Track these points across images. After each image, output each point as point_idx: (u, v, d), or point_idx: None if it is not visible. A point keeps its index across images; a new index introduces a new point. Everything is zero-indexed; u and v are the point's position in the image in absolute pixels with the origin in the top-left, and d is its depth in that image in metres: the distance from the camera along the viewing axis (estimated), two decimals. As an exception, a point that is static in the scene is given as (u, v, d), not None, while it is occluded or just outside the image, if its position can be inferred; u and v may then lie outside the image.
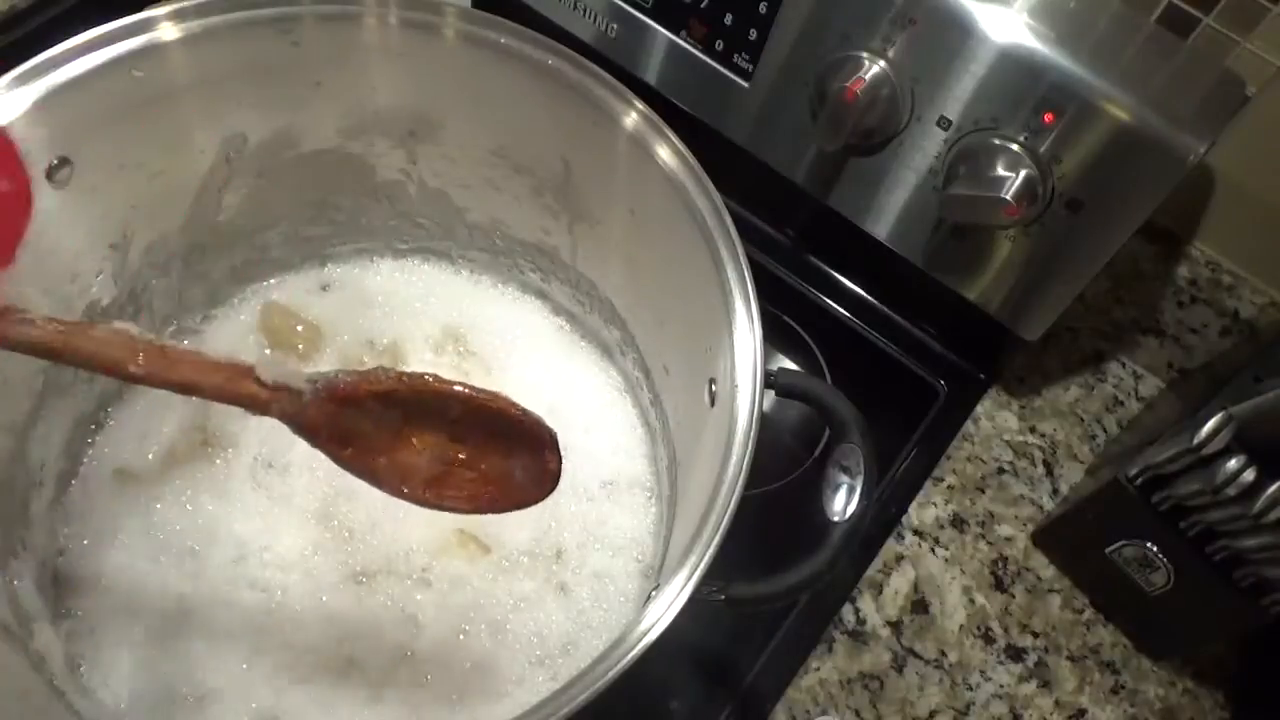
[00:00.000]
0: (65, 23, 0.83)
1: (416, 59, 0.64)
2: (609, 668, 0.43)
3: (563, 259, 0.73)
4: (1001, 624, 0.74)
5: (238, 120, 0.64)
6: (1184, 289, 0.82)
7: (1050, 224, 0.70)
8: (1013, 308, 0.77)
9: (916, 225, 0.77)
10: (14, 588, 0.58)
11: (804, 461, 0.79)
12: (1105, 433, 0.85)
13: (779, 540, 0.54)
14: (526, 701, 0.43)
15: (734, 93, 0.80)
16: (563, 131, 0.65)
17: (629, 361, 0.73)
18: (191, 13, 0.58)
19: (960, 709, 0.70)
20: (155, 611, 0.61)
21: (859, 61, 0.70)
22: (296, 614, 0.62)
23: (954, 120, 0.70)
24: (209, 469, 0.67)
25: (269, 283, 0.75)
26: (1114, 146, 0.65)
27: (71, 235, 0.59)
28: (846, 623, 0.72)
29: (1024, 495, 0.80)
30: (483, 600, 0.64)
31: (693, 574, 0.46)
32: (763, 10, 0.74)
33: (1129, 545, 0.70)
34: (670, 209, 0.60)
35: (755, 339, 0.54)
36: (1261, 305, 0.79)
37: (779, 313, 0.87)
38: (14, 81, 0.53)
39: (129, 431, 0.67)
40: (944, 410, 0.84)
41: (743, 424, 0.51)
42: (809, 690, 0.68)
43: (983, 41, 0.66)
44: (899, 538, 0.76)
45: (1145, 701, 0.73)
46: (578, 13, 0.84)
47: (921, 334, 0.88)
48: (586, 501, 0.69)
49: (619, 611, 0.65)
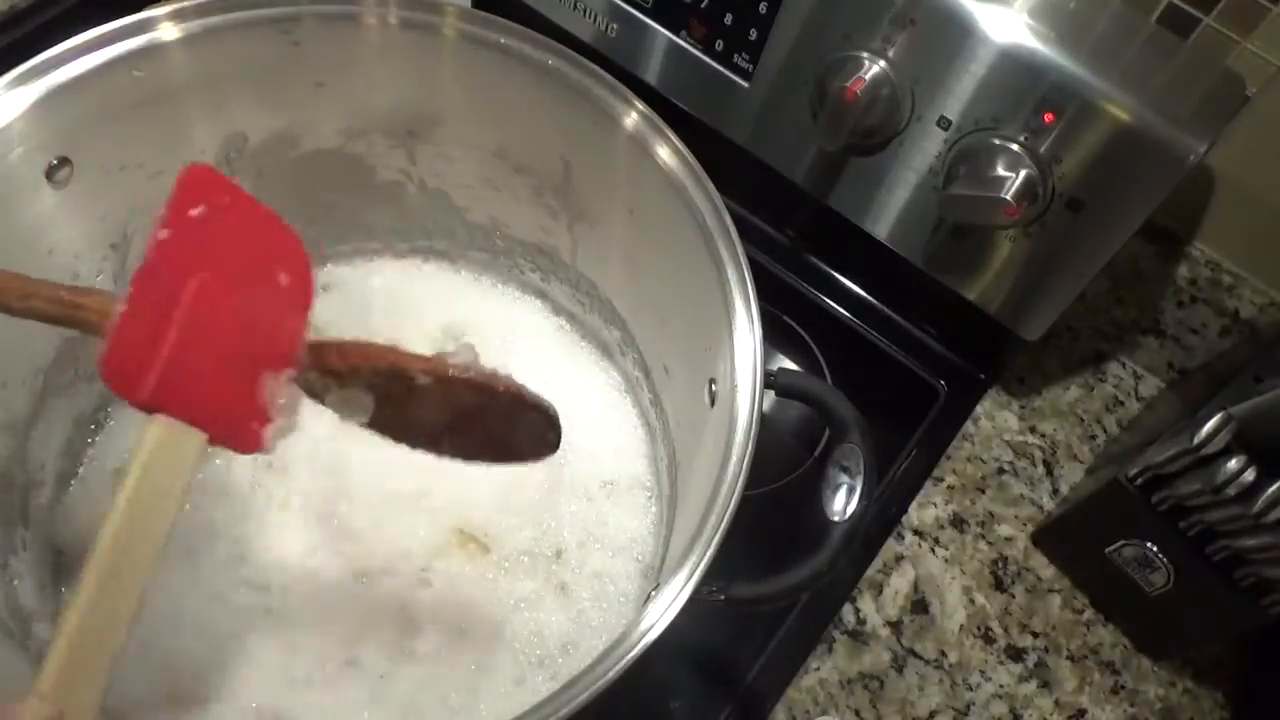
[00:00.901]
0: (65, 23, 0.82)
1: (416, 59, 0.64)
2: (609, 668, 0.43)
3: (563, 259, 0.73)
4: (1001, 624, 0.74)
5: (238, 120, 0.64)
6: (1184, 289, 0.82)
7: (1050, 224, 0.70)
8: (1013, 308, 0.77)
9: (916, 225, 0.77)
10: (14, 587, 0.58)
11: (804, 461, 0.79)
12: (1105, 433, 0.85)
13: (779, 540, 0.54)
14: (526, 701, 0.43)
15: (734, 93, 0.80)
16: (563, 131, 0.65)
17: (629, 361, 0.73)
18: (191, 13, 0.58)
19: (960, 709, 0.70)
20: (155, 611, 0.61)
21: (859, 61, 0.70)
22: (296, 614, 0.62)
23: (954, 120, 0.70)
24: (209, 469, 0.67)
25: (269, 283, 0.75)
26: (1114, 146, 0.65)
27: (71, 235, 0.59)
28: (846, 623, 0.72)
29: (1024, 495, 0.80)
30: (483, 600, 0.64)
31: (693, 574, 0.46)
32: (763, 10, 0.74)
33: (1129, 545, 0.70)
34: (670, 209, 0.60)
35: (755, 339, 0.54)
36: (1261, 305, 0.79)
37: (779, 313, 0.87)
38: (14, 81, 0.53)
39: (129, 431, 0.67)
40: (944, 410, 0.84)
41: (743, 424, 0.51)
42: (809, 690, 0.68)
43: (983, 41, 0.66)
44: (899, 538, 0.76)
45: (1145, 701, 0.73)
46: (578, 13, 0.84)
47: (921, 334, 0.88)
48: (586, 501, 0.69)
49: (619, 611, 0.65)
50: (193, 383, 0.42)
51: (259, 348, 0.46)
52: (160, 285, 0.42)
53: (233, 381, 0.44)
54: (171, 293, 0.42)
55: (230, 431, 0.44)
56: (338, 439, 0.68)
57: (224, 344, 0.44)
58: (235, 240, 0.46)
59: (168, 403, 0.41)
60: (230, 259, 0.45)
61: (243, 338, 0.45)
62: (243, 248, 0.47)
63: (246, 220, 0.48)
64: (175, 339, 0.41)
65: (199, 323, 0.43)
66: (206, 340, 0.43)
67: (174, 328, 0.42)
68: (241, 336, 0.45)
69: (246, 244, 0.47)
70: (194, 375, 0.42)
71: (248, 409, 0.45)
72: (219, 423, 0.43)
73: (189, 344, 0.42)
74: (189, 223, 0.44)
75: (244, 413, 0.45)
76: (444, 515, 0.67)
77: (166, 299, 0.42)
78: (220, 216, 0.45)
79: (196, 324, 0.43)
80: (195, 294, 0.43)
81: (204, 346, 0.43)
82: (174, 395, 0.41)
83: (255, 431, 0.45)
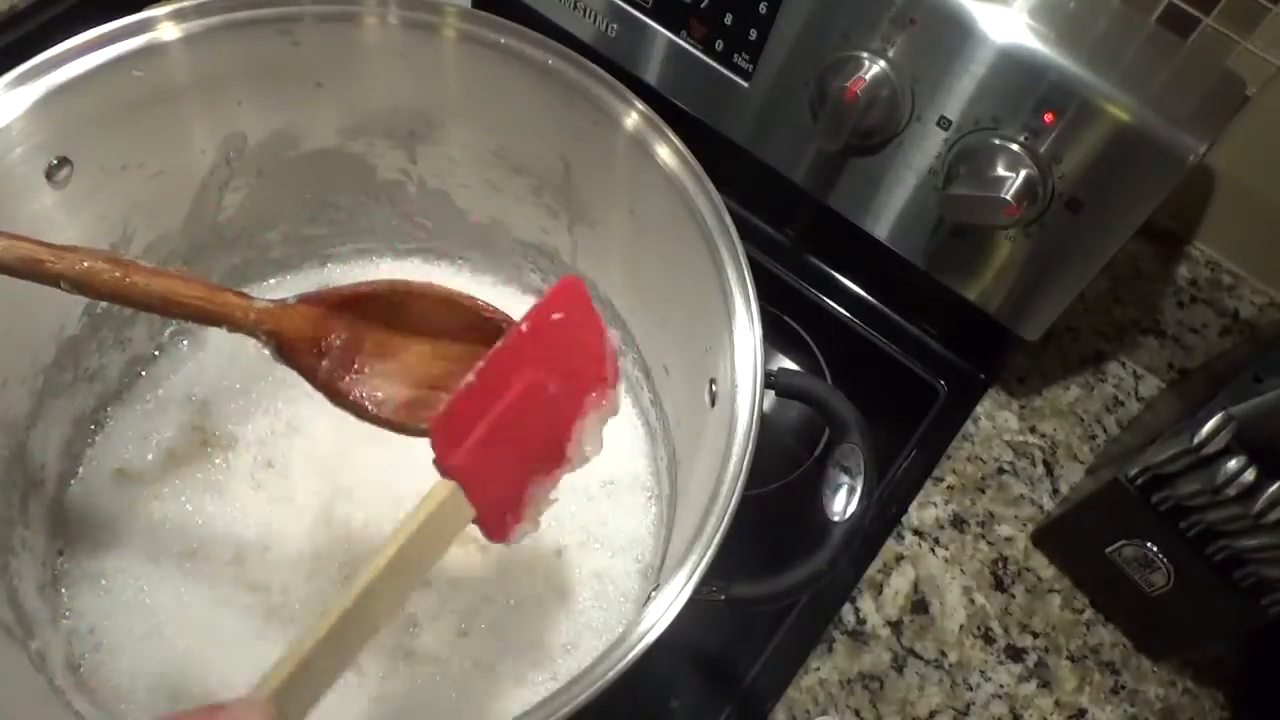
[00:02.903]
0: (65, 23, 0.82)
1: (416, 59, 0.64)
2: (609, 668, 0.43)
3: (563, 259, 0.73)
4: (1001, 624, 0.74)
5: (238, 120, 0.64)
6: (1184, 289, 0.82)
7: (1050, 224, 0.70)
8: (1013, 308, 0.77)
9: (916, 225, 0.77)
10: (14, 587, 0.58)
11: (804, 461, 0.79)
12: (1105, 433, 0.85)
13: (779, 540, 0.55)
14: (527, 701, 0.43)
15: (734, 93, 0.80)
16: (563, 131, 0.65)
17: (629, 361, 0.73)
18: (191, 13, 0.58)
19: (960, 709, 0.70)
20: (155, 611, 0.61)
21: (859, 61, 0.70)
22: (296, 614, 0.62)
23: (954, 120, 0.70)
24: (209, 469, 0.67)
25: (269, 283, 0.75)
26: (1114, 146, 0.65)
27: (71, 235, 0.59)
28: (846, 623, 0.72)
29: (1024, 495, 0.80)
30: (483, 600, 0.64)
31: (693, 574, 0.46)
32: (763, 10, 0.74)
33: (1129, 545, 0.70)
34: (670, 209, 0.60)
35: (755, 339, 0.54)
36: (1261, 305, 0.79)
37: (779, 313, 0.87)
38: (14, 81, 0.53)
39: (129, 431, 0.67)
40: (944, 410, 0.84)
41: (743, 424, 0.51)
42: (809, 690, 0.68)
43: (983, 41, 0.66)
44: (899, 538, 0.76)
45: (1145, 701, 0.73)
46: (578, 13, 0.84)
47: (921, 334, 0.88)
48: (586, 501, 0.69)
49: (619, 611, 0.65)
50: (490, 466, 0.45)
51: (545, 450, 0.48)
52: (504, 372, 0.45)
53: (515, 475, 0.47)
54: (508, 381, 0.45)
55: (492, 517, 0.46)
56: (338, 439, 0.68)
57: (524, 440, 0.46)
58: (571, 352, 0.48)
59: (466, 475, 0.43)
60: (561, 367, 0.47)
61: (539, 438, 0.47)
62: (573, 361, 0.48)
63: (586, 336, 0.49)
64: (494, 422, 0.44)
65: (516, 416, 0.45)
66: (515, 433, 0.45)
67: (497, 412, 0.44)
68: (539, 437, 0.47)
69: (577, 358, 0.49)
70: (494, 461, 0.45)
71: (513, 502, 0.47)
72: (489, 506, 0.45)
73: (503, 431, 0.44)
74: (547, 325, 0.47)
75: (509, 505, 0.47)
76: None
77: (502, 384, 0.45)
78: (570, 329, 0.48)
79: (514, 416, 0.45)
80: (523, 390, 0.45)
81: (511, 438, 0.45)
82: (473, 471, 0.44)
83: (509, 525, 0.47)
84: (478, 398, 0.44)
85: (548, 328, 0.47)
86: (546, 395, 0.47)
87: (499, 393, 0.44)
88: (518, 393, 0.45)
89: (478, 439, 0.43)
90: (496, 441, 0.44)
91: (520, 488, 0.47)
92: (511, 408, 0.45)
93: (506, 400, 0.45)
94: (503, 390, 0.45)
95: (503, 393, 0.44)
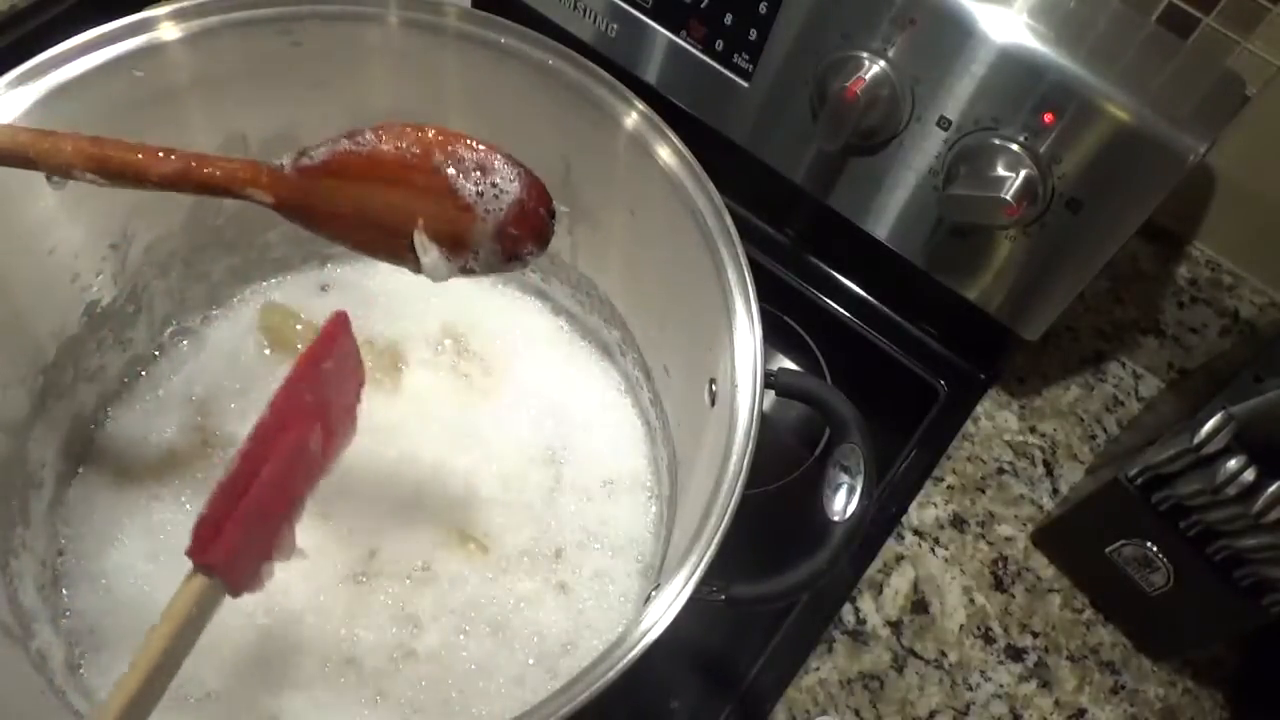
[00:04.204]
0: (65, 23, 0.82)
1: (416, 59, 0.64)
2: (609, 668, 0.43)
3: (563, 259, 0.73)
4: (1001, 624, 0.74)
5: (238, 120, 0.64)
6: (1184, 289, 0.82)
7: (1050, 224, 0.70)
8: (1013, 308, 0.77)
9: (916, 225, 0.77)
10: (14, 588, 0.58)
11: (804, 461, 0.79)
12: (1105, 433, 0.85)
13: (779, 540, 0.54)
14: (527, 701, 0.43)
15: (734, 93, 0.80)
16: (563, 131, 0.65)
17: (629, 361, 0.73)
18: (191, 13, 0.58)
19: (960, 709, 0.70)
20: (155, 611, 0.61)
21: (859, 61, 0.70)
22: (296, 614, 0.62)
23: (954, 120, 0.70)
24: (209, 469, 0.67)
25: (269, 283, 0.75)
26: (1114, 146, 0.65)
27: (71, 235, 0.59)
28: (846, 623, 0.72)
29: (1024, 495, 0.80)
30: (483, 600, 0.64)
31: (693, 574, 0.46)
32: (763, 10, 0.74)
33: (1129, 545, 0.70)
34: (670, 209, 0.60)
35: (755, 339, 0.54)
36: (1261, 305, 0.79)
37: (779, 313, 0.87)
38: (14, 81, 0.53)
39: (129, 431, 0.67)
40: (944, 410, 0.84)
41: (743, 424, 0.51)
42: (809, 690, 0.68)
43: (983, 41, 0.66)
44: (899, 538, 0.76)
45: (1145, 701, 0.73)
46: (578, 13, 0.84)
47: (921, 334, 0.88)
48: (586, 501, 0.69)
49: (619, 611, 0.65)
50: (245, 546, 0.45)
51: (300, 498, 0.48)
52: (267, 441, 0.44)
53: (265, 538, 0.47)
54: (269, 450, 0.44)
55: (247, 583, 0.46)
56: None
57: (281, 501, 0.47)
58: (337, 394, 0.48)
59: (223, 568, 0.44)
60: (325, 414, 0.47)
61: (297, 491, 0.47)
62: (338, 401, 0.49)
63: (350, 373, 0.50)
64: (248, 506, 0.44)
65: (276, 482, 0.45)
66: (271, 504, 0.45)
67: (253, 495, 0.44)
68: (297, 489, 0.47)
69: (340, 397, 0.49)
70: (249, 538, 0.45)
71: (265, 555, 0.47)
72: (243, 578, 0.46)
73: (259, 507, 0.44)
74: (317, 375, 0.47)
75: (263, 559, 0.47)
76: (444, 515, 0.67)
77: (261, 459, 0.44)
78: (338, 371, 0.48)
79: (273, 487, 0.45)
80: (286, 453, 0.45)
81: (267, 510, 0.45)
82: (229, 557, 0.44)
83: (261, 576, 0.47)
84: (236, 484, 0.44)
85: (317, 378, 0.47)
86: (307, 453, 0.47)
87: (256, 470, 0.44)
88: (281, 458, 0.45)
89: (233, 529, 0.43)
90: (252, 522, 0.44)
91: (271, 542, 0.47)
92: (270, 483, 0.44)
93: (265, 475, 0.44)
94: (260, 465, 0.44)
95: (260, 469, 0.44)
